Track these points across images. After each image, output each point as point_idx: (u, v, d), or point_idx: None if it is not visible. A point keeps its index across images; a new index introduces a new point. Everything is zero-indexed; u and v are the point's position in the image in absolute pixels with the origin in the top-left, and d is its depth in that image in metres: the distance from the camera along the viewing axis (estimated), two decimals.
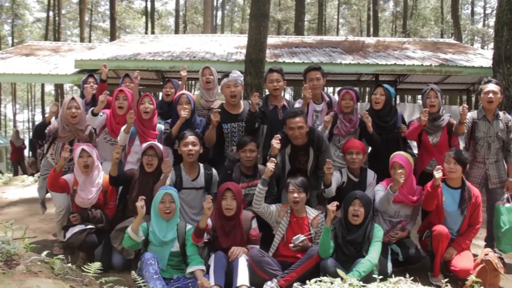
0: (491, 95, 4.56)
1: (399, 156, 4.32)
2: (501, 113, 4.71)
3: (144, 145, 4.46)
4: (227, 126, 4.76)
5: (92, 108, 4.86)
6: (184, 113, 4.54)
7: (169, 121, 4.85)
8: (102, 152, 4.93)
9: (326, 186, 4.26)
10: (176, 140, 4.56)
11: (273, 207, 4.14)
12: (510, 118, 4.75)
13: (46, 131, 4.76)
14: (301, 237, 3.94)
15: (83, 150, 4.36)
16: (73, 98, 4.72)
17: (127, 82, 5.60)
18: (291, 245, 3.94)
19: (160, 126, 4.94)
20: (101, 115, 4.91)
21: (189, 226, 4.02)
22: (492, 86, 4.60)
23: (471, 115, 4.71)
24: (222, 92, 4.91)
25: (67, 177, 4.49)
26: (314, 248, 3.82)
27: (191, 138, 4.33)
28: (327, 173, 4.14)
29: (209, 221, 3.93)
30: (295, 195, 4.00)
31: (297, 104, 4.96)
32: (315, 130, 4.48)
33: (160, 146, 4.51)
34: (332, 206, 3.75)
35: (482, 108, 4.68)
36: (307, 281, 3.13)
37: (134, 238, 3.74)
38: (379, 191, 4.30)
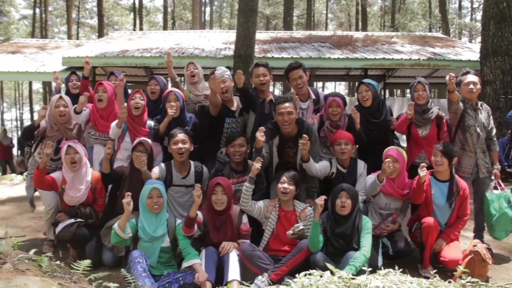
0: (471, 86, 4.60)
1: (393, 150, 4.36)
2: (480, 103, 4.78)
3: (135, 141, 4.44)
4: (229, 121, 4.75)
5: (74, 106, 4.82)
6: (171, 111, 4.52)
7: (158, 117, 4.83)
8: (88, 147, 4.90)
9: (303, 161, 4.26)
10: (166, 137, 4.55)
11: (260, 203, 4.14)
12: (488, 107, 4.84)
13: (35, 132, 4.74)
14: (300, 225, 3.96)
15: (69, 146, 4.34)
16: (60, 97, 4.73)
17: (113, 80, 5.51)
18: (290, 232, 3.95)
19: (150, 123, 4.90)
20: (84, 110, 4.86)
21: (178, 221, 4.00)
22: (471, 77, 4.65)
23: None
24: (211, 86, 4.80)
25: (55, 175, 4.46)
26: (304, 242, 3.83)
27: (180, 136, 4.31)
28: (302, 148, 4.14)
29: (200, 215, 3.93)
30: (285, 185, 4.01)
31: None
32: (304, 121, 4.47)
33: (150, 142, 4.48)
34: (320, 200, 3.76)
35: (464, 99, 4.72)
36: (297, 275, 3.14)
37: (120, 234, 3.71)
38: (370, 179, 4.32)
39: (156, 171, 4.32)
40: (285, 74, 4.99)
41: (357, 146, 4.82)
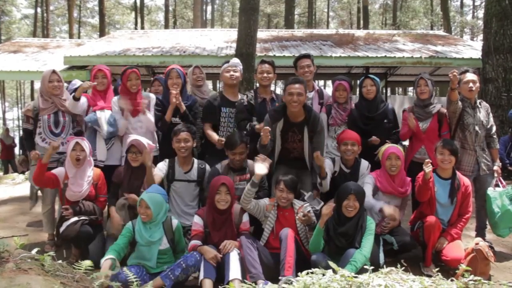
0: (471, 84, 4.63)
1: (394, 148, 4.36)
2: (479, 101, 4.79)
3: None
4: (225, 110, 4.80)
5: (73, 94, 4.77)
6: (174, 99, 4.60)
7: (159, 97, 4.97)
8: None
9: (322, 178, 4.27)
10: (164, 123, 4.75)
11: (261, 202, 4.15)
12: (487, 105, 4.87)
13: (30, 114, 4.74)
14: (308, 207, 3.99)
15: (77, 143, 4.35)
16: (54, 71, 4.74)
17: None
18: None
19: (147, 94, 5.04)
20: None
21: (175, 221, 4.01)
22: (470, 76, 4.68)
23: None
24: (221, 78, 4.98)
25: (57, 171, 4.43)
26: (283, 231, 3.85)
27: (183, 134, 4.40)
28: (320, 164, 4.16)
29: (200, 220, 3.95)
30: (284, 195, 4.05)
31: None
32: (312, 109, 4.49)
33: (143, 140, 4.43)
34: (328, 208, 3.76)
35: (464, 97, 4.72)
36: (299, 274, 3.13)
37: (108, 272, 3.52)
38: (367, 183, 4.30)
39: (158, 171, 4.41)
40: (294, 63, 5.14)
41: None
